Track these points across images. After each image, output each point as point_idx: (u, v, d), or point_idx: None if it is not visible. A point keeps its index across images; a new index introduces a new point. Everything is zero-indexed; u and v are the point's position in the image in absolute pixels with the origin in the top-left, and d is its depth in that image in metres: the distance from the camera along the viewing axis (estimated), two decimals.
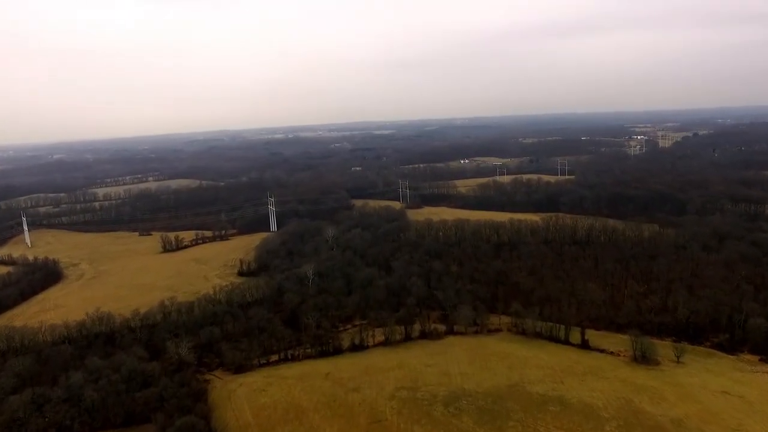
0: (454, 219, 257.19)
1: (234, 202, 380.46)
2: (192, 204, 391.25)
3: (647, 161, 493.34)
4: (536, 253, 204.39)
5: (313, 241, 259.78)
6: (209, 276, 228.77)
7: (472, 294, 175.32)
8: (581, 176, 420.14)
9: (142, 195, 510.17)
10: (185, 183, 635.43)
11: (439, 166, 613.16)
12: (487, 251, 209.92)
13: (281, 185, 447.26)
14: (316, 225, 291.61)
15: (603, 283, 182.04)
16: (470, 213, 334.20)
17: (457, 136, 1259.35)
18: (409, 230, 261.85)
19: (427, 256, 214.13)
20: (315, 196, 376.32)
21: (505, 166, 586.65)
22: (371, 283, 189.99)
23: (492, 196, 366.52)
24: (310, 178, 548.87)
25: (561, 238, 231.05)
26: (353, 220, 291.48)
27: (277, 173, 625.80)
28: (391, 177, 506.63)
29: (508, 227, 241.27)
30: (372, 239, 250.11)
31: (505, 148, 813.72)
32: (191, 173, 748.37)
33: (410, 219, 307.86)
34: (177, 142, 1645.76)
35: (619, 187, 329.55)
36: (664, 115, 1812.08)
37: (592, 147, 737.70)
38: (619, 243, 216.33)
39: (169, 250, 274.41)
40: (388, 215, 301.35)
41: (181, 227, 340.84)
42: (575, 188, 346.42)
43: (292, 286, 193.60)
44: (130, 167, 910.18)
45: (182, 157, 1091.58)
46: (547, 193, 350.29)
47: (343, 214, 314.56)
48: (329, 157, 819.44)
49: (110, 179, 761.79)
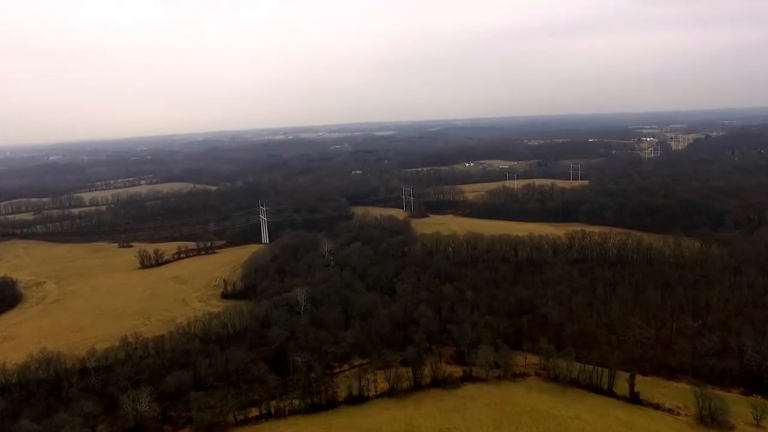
0: (465, 234, 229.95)
1: (225, 209, 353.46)
2: (180, 211, 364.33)
3: (665, 165, 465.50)
4: (564, 277, 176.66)
5: (307, 257, 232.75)
6: (188, 299, 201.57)
7: (491, 328, 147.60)
8: (597, 181, 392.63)
9: (130, 200, 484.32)
10: (178, 187, 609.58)
11: (443, 170, 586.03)
12: (505, 274, 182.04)
13: (277, 191, 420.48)
14: (311, 238, 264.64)
15: (645, 314, 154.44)
16: (480, 223, 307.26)
17: (460, 137, 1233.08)
18: (415, 244, 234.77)
19: (437, 279, 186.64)
20: (312, 204, 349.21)
21: (514, 170, 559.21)
22: (372, 313, 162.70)
23: (502, 203, 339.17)
24: (309, 182, 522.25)
25: (589, 256, 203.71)
26: (352, 232, 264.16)
27: (274, 176, 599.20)
28: (394, 182, 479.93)
29: (527, 243, 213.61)
30: (373, 256, 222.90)
31: (511, 150, 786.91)
32: (186, 176, 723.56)
33: (415, 231, 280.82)
34: (176, 143, 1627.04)
35: (642, 194, 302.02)
36: (668, 117, 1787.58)
37: (601, 149, 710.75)
38: (657, 264, 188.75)
39: (147, 266, 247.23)
40: (391, 226, 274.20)
41: (165, 238, 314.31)
42: (593, 195, 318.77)
43: (281, 315, 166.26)
44: (124, 169, 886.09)
45: (179, 158, 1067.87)
46: (562, 200, 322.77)
47: (341, 225, 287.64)
48: (329, 160, 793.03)
49: (102, 182, 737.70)
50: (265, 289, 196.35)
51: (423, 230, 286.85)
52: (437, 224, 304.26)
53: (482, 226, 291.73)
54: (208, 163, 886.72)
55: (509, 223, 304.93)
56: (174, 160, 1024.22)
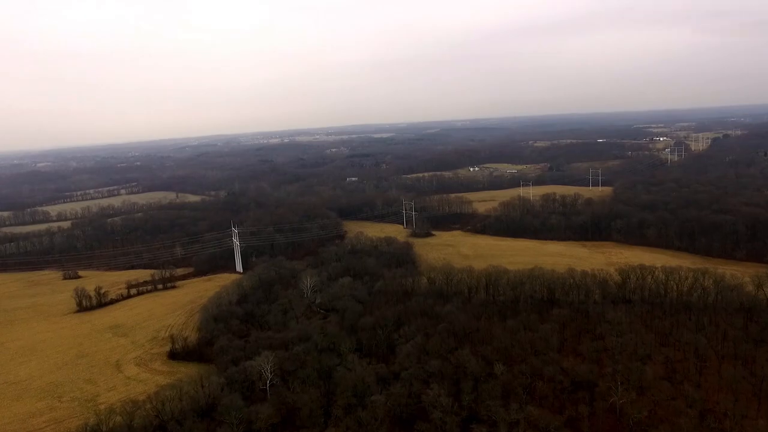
0: (484, 268, 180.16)
1: (196, 228, 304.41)
2: (146, 230, 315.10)
3: (695, 168, 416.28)
4: (628, 339, 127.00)
5: (284, 297, 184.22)
6: (124, 361, 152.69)
7: (538, 431, 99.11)
8: (624, 190, 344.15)
9: (100, 214, 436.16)
10: (159, 197, 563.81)
11: (446, 176, 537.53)
12: (545, 334, 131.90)
13: (260, 204, 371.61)
14: (291, 268, 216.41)
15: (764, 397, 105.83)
16: (495, 244, 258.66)
17: (461, 139, 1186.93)
18: (419, 278, 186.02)
19: (452, 337, 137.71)
20: (297, 221, 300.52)
21: (524, 175, 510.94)
22: (363, 399, 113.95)
23: (519, 218, 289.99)
24: (298, 191, 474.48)
25: (651, 299, 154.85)
26: (342, 262, 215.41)
27: (261, 185, 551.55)
28: (392, 191, 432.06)
29: (566, 282, 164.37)
30: (367, 297, 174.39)
31: (517, 152, 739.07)
32: (170, 184, 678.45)
33: (419, 257, 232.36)
34: (170, 147, 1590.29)
35: (690, 208, 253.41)
36: (672, 115, 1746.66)
37: (614, 150, 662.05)
38: (749, 309, 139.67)
39: (86, 308, 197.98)
40: (389, 252, 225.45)
41: (122, 265, 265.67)
42: (627, 209, 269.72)
43: (235, 399, 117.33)
44: (107, 177, 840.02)
45: (167, 165, 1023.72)
46: (591, 215, 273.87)
47: (329, 250, 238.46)
48: (323, 165, 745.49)
49: (80, 192, 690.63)
50: (224, 350, 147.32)
51: (428, 255, 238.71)
52: (444, 246, 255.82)
53: (499, 249, 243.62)
54: (196, 170, 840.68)
55: (530, 243, 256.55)
56: (162, 167, 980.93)
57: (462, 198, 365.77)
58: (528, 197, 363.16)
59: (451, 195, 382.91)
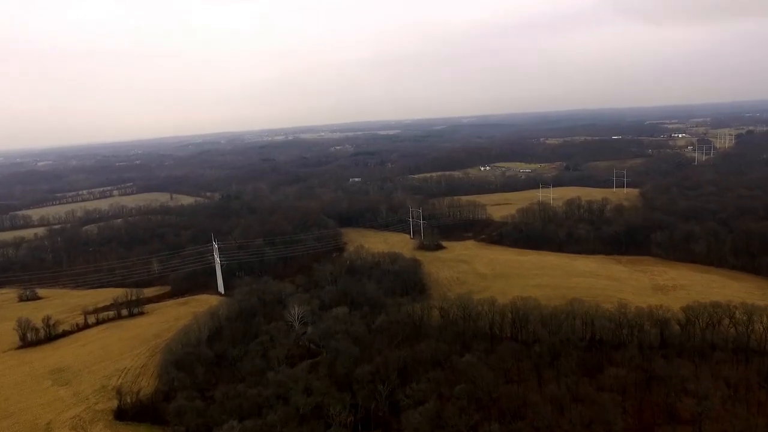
0: (510, 301, 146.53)
1: (178, 239, 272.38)
2: (124, 240, 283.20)
3: (729, 169, 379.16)
4: (716, 409, 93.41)
5: (264, 334, 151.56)
6: (57, 423, 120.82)
7: None
8: (657, 193, 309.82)
9: (84, 219, 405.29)
10: (152, 198, 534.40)
11: (455, 176, 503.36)
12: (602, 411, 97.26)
13: (252, 209, 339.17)
14: (278, 292, 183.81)
15: None
16: (516, 259, 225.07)
17: (468, 135, 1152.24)
18: (430, 311, 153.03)
19: (473, 404, 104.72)
20: (292, 230, 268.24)
21: (539, 176, 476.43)
22: None
23: (540, 227, 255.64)
24: (297, 194, 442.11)
25: (726, 345, 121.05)
26: (338, 284, 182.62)
27: (259, 186, 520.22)
28: (398, 193, 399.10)
29: (614, 317, 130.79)
30: (365, 335, 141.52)
31: (529, 150, 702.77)
32: (167, 185, 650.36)
33: (428, 276, 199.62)
34: (173, 145, 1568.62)
35: (746, 218, 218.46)
36: (683, 110, 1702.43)
37: (632, 148, 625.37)
38: None
39: (30, 344, 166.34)
40: (393, 273, 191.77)
41: (93, 282, 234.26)
42: (667, 218, 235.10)
43: None
44: (103, 177, 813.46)
45: (167, 163, 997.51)
46: (624, 224, 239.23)
47: (324, 268, 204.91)
48: (326, 164, 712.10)
49: (73, 193, 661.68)
50: (180, 412, 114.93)
51: (439, 274, 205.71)
52: (457, 261, 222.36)
53: (521, 266, 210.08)
54: (195, 169, 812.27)
55: (556, 259, 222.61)
56: (161, 166, 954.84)
57: (474, 202, 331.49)
58: (547, 201, 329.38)
59: (462, 199, 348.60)
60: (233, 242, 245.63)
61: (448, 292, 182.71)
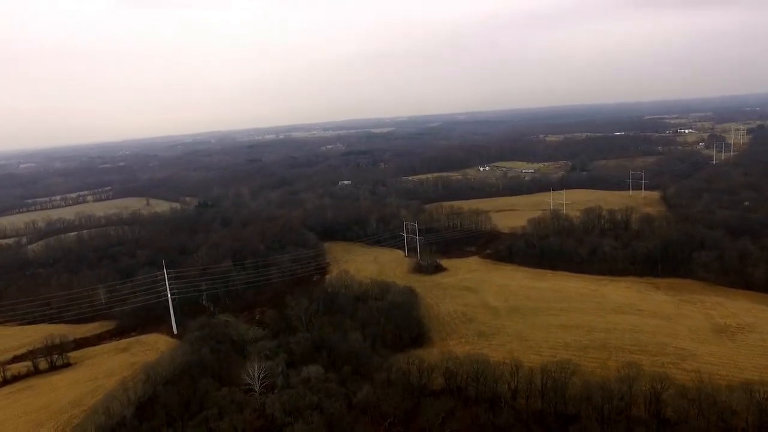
0: (537, 365, 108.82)
1: (138, 258, 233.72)
2: (71, 261, 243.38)
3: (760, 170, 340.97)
4: None
5: (212, 407, 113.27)
6: None
7: None
8: (682, 198, 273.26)
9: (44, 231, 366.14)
10: (126, 204, 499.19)
11: (453, 178, 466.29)
12: None
13: (226, 221, 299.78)
14: (239, 336, 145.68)
15: None
16: (530, 283, 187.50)
17: (464, 132, 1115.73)
18: (432, 374, 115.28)
19: None
20: (266, 247, 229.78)
21: (545, 177, 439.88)
22: None
23: (558, 243, 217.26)
24: (279, 200, 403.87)
25: None
26: (313, 330, 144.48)
27: (241, 190, 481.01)
28: (391, 198, 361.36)
29: (687, 392, 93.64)
30: (342, 416, 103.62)
31: (529, 148, 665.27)
32: (146, 189, 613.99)
33: (426, 312, 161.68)
34: (162, 145, 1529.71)
35: None
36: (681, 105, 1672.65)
37: (641, 145, 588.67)
38: None
39: None
40: (383, 309, 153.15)
41: (20, 316, 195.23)
42: (709, 233, 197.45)
43: None
44: (81, 181, 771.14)
45: (151, 165, 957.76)
46: (657, 239, 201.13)
47: (298, 305, 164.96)
48: (316, 164, 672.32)
49: (44, 199, 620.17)
50: None
51: (440, 307, 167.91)
52: (461, 290, 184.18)
53: (540, 296, 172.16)
54: (178, 171, 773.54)
55: (581, 284, 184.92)
56: (145, 168, 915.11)
57: (477, 209, 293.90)
58: (559, 208, 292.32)
59: (462, 205, 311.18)
60: (195, 266, 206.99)
61: (453, 337, 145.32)
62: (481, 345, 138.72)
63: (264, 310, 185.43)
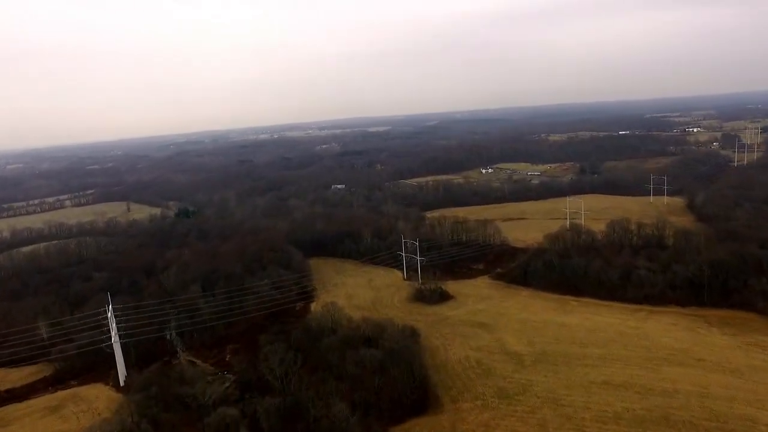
0: None
1: (92, 284, 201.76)
2: (19, 285, 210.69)
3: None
4: None
5: None
6: None
7: None
8: (716, 208, 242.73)
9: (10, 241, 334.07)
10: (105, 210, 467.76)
11: (454, 181, 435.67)
12: None
13: (203, 234, 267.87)
14: (190, 400, 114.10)
15: None
16: (556, 317, 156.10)
17: (463, 131, 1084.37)
18: None
19: None
20: (242, 269, 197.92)
21: (553, 180, 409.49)
22: None
23: (582, 265, 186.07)
24: (266, 207, 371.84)
25: None
26: (292, 385, 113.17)
27: (227, 195, 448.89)
28: (387, 204, 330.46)
29: None
30: None
31: (533, 149, 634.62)
32: (130, 192, 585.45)
33: (432, 362, 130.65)
34: (154, 145, 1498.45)
35: None
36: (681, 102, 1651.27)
37: (651, 145, 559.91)
38: None
39: None
40: (378, 359, 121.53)
41: None
42: (765, 253, 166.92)
43: None
44: (63, 184, 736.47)
45: (139, 166, 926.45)
46: (708, 263, 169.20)
47: (273, 351, 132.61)
48: (310, 165, 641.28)
49: (21, 204, 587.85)
50: None
51: (448, 354, 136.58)
52: (473, 325, 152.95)
53: (572, 335, 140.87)
54: (165, 173, 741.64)
55: (616, 315, 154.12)
56: (132, 169, 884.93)
57: (483, 219, 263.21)
58: (576, 217, 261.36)
59: (467, 214, 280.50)
60: (158, 293, 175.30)
61: (466, 397, 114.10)
62: (504, 411, 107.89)
63: (237, 347, 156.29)
